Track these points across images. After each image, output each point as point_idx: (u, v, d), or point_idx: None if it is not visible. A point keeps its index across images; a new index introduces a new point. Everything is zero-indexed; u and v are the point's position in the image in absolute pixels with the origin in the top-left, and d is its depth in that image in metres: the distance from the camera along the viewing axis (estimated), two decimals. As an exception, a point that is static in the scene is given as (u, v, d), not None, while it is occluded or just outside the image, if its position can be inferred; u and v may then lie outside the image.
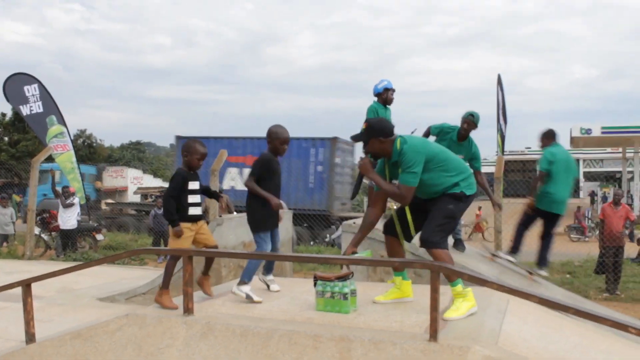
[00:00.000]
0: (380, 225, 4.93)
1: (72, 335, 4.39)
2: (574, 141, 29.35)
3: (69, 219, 13.03)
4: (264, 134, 5.03)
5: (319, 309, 4.35)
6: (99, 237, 14.71)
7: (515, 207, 9.53)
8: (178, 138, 20.23)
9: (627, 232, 12.12)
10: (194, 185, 4.88)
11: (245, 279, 4.86)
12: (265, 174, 4.93)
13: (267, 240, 4.91)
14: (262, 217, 4.95)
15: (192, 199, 4.86)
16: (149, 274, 10.06)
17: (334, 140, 18.92)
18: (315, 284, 4.45)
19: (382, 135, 4.35)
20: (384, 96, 7.32)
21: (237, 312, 4.41)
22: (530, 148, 46.92)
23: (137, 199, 39.83)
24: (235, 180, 19.77)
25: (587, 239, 22.04)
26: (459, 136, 7.20)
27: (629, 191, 29.26)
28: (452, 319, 4.12)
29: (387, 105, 7.36)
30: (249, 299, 4.73)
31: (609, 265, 10.96)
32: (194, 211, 4.86)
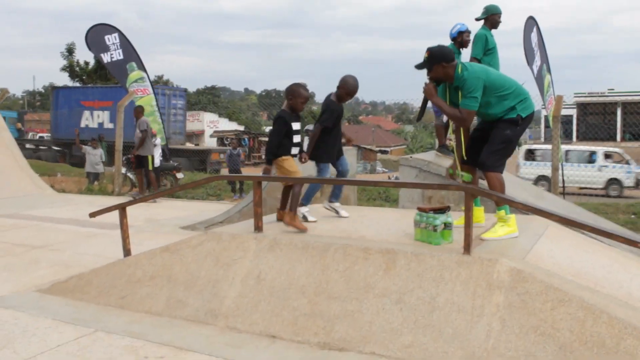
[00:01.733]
0: (435, 159, 5.41)
1: (161, 249, 5.18)
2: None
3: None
4: (334, 77, 5.58)
5: (417, 238, 4.59)
6: (179, 175, 15.72)
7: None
8: (52, 88, 21.40)
9: None
10: (296, 126, 5.27)
11: (303, 202, 5.48)
12: (331, 122, 5.54)
13: (326, 169, 5.53)
14: (323, 152, 5.55)
15: (295, 139, 5.27)
16: (226, 207, 10.88)
17: None
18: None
19: (444, 60, 4.68)
20: (459, 40, 7.49)
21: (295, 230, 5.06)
22: (613, 90, 45.18)
23: (213, 142, 41.23)
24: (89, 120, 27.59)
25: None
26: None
27: None
28: (488, 239, 4.60)
29: (463, 48, 7.52)
30: (304, 219, 5.36)
31: None
32: (294, 151, 5.29)
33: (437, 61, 4.69)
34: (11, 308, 4.85)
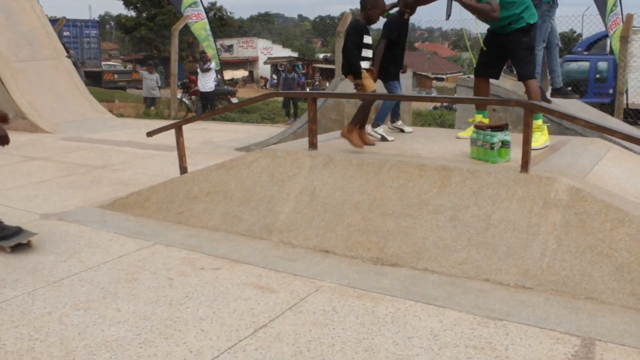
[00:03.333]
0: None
1: (217, 166, 5.26)
2: None
3: (207, 82, 14.19)
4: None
5: (472, 156, 4.51)
6: (234, 100, 15.85)
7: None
8: None
9: None
10: (368, 39, 5.00)
11: (379, 122, 5.45)
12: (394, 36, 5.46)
13: (397, 86, 5.50)
14: (391, 70, 5.51)
15: (365, 52, 4.99)
16: (281, 130, 10.92)
17: None
18: None
19: None
20: None
21: (353, 148, 5.04)
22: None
23: (267, 69, 41.16)
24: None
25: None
26: None
27: None
28: (532, 148, 4.53)
29: None
30: (383, 139, 5.35)
31: None
32: (365, 65, 4.99)
33: None
34: (76, 222, 5.05)
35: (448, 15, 5.19)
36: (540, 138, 4.89)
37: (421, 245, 3.97)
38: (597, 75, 18.55)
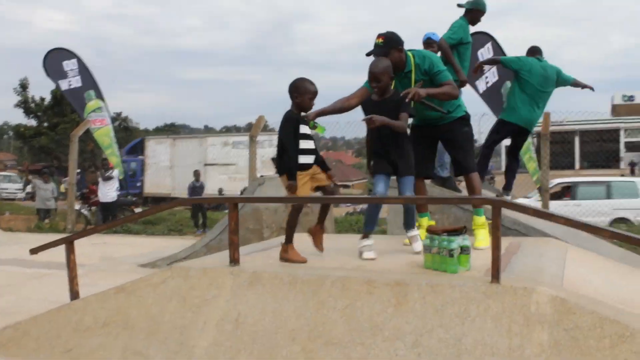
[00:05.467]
0: None
1: (115, 290, 4.29)
2: (615, 109, 28.35)
3: (108, 191, 13.11)
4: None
5: (427, 265, 3.85)
6: (138, 210, 14.79)
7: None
8: None
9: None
10: (305, 129, 4.33)
11: (367, 228, 4.49)
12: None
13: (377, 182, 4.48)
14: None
15: (304, 144, 4.32)
16: (190, 243, 10.02)
17: None
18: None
19: (399, 44, 4.51)
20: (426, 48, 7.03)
21: (283, 263, 4.25)
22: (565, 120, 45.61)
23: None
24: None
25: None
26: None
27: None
28: (483, 248, 4.28)
29: None
30: (360, 255, 4.38)
31: None
32: (305, 159, 4.30)
33: (394, 45, 4.49)
34: None
35: (443, 112, 4.60)
36: (487, 237, 4.33)
37: (379, 381, 3.15)
38: (131, 172, 26.52)
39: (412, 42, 4.83)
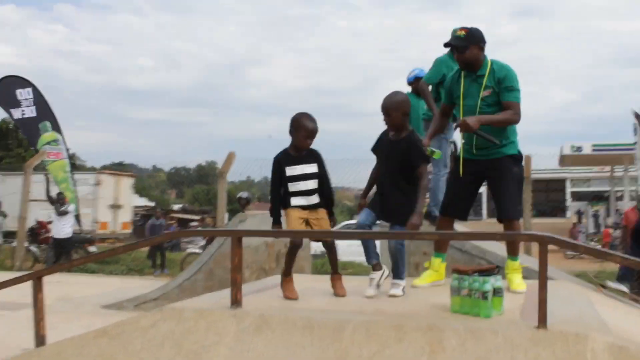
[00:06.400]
0: None
1: (96, 333, 3.76)
2: (563, 159, 28.80)
3: (63, 227, 12.31)
4: (243, 156, 4.43)
5: (455, 309, 3.47)
6: (92, 249, 13.98)
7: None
8: None
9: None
10: (292, 170, 4.00)
11: (374, 259, 4.07)
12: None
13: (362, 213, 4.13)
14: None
15: (293, 187, 4.00)
16: (152, 283, 9.43)
17: None
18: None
19: (482, 42, 4.10)
20: (415, 85, 6.81)
21: (291, 305, 3.82)
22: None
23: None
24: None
25: (583, 255, 21.48)
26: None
27: (617, 210, 28.77)
28: (522, 292, 3.96)
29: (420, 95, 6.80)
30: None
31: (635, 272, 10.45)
32: (298, 202, 3.99)
33: (476, 41, 4.05)
34: None
35: (496, 142, 4.12)
36: (523, 282, 4.05)
37: None
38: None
39: (365, 90, 4.43)
